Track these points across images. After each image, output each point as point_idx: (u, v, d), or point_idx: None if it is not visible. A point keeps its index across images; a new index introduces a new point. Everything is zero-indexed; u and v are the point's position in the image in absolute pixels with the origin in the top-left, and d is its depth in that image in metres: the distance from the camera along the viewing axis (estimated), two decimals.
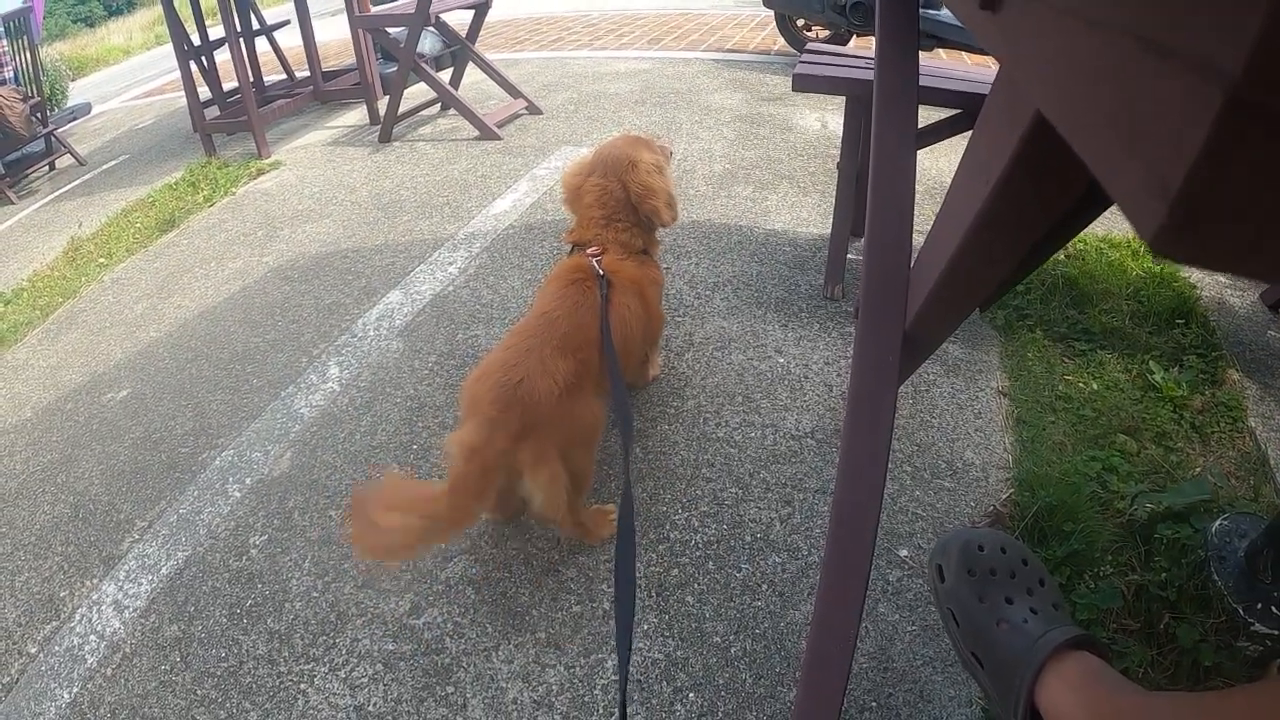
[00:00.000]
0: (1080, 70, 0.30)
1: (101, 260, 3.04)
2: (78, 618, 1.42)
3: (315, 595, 1.36)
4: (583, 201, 1.48)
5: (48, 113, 4.70)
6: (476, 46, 3.83)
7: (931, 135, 1.73)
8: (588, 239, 1.45)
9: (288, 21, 4.54)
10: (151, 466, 1.78)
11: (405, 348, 2.02)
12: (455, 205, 2.86)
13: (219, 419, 1.89)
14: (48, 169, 4.65)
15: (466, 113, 3.51)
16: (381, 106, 3.81)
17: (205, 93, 4.14)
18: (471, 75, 4.10)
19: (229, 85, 4.22)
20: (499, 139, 3.45)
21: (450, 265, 2.41)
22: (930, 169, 2.61)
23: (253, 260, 2.72)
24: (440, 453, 1.62)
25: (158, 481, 1.72)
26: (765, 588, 1.26)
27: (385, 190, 3.12)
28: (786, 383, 1.71)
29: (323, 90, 4.31)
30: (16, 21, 4.38)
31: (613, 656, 1.18)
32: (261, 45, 4.41)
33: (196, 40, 4.02)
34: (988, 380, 1.66)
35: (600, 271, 1.34)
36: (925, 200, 2.40)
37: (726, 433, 1.58)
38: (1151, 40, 0.22)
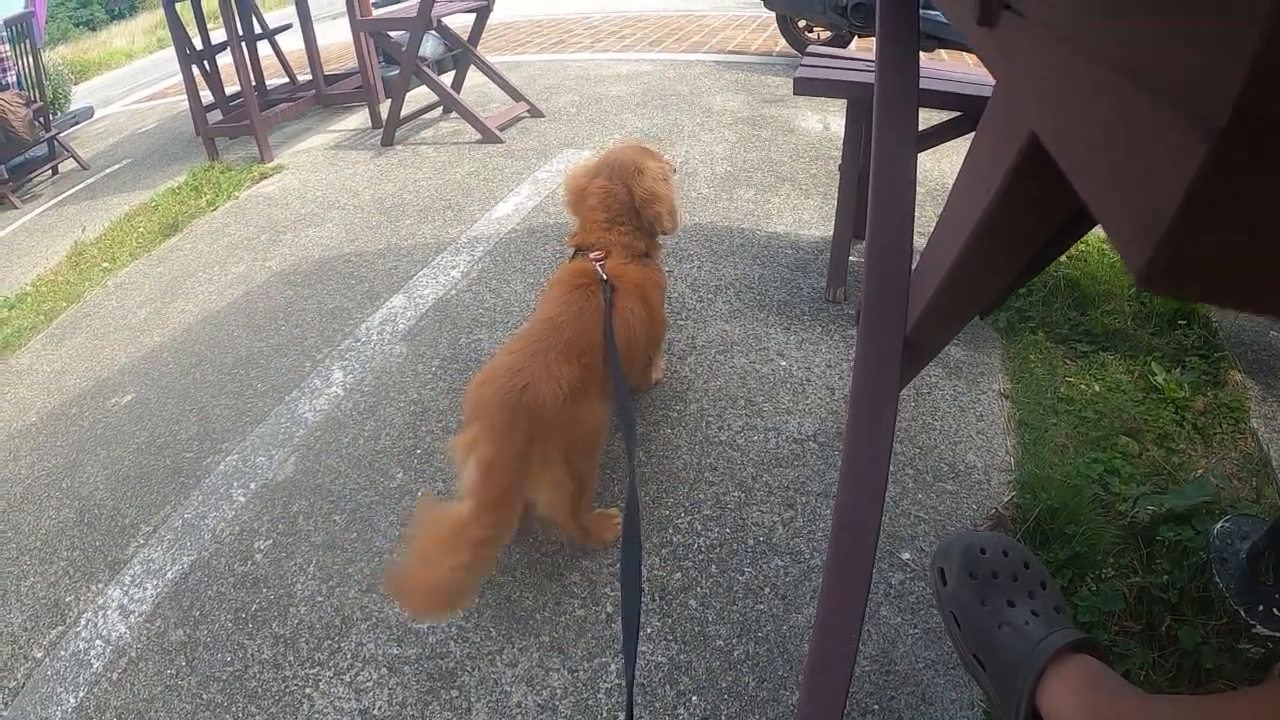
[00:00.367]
0: (1073, 98, 0.30)
1: (105, 265, 3.05)
2: (83, 622, 1.43)
3: (320, 599, 1.37)
4: (586, 204, 1.48)
5: (51, 117, 4.72)
6: (478, 49, 3.84)
7: (933, 137, 1.74)
8: (591, 242, 1.45)
9: (289, 25, 4.54)
10: (156, 471, 1.78)
11: (408, 352, 2.03)
12: (458, 209, 2.87)
13: (223, 423, 1.90)
14: (51, 173, 4.67)
15: (468, 116, 3.52)
16: (384, 110, 3.82)
17: (207, 97, 4.14)
18: (473, 78, 4.11)
19: (231, 89, 4.23)
20: (501, 142, 3.46)
21: (453, 269, 2.42)
22: (932, 170, 2.61)
23: (256, 264, 2.73)
24: (444, 457, 1.63)
25: (162, 486, 1.73)
26: (768, 591, 1.26)
27: (388, 194, 3.13)
28: (789, 386, 1.71)
29: (325, 94, 4.32)
30: (19, 26, 4.40)
31: (616, 660, 1.19)
32: (263, 49, 4.41)
33: (198, 44, 4.03)
34: (990, 382, 1.66)
35: (604, 276, 1.35)
36: (927, 201, 2.40)
37: (729, 436, 1.59)
38: (1142, 77, 0.23)
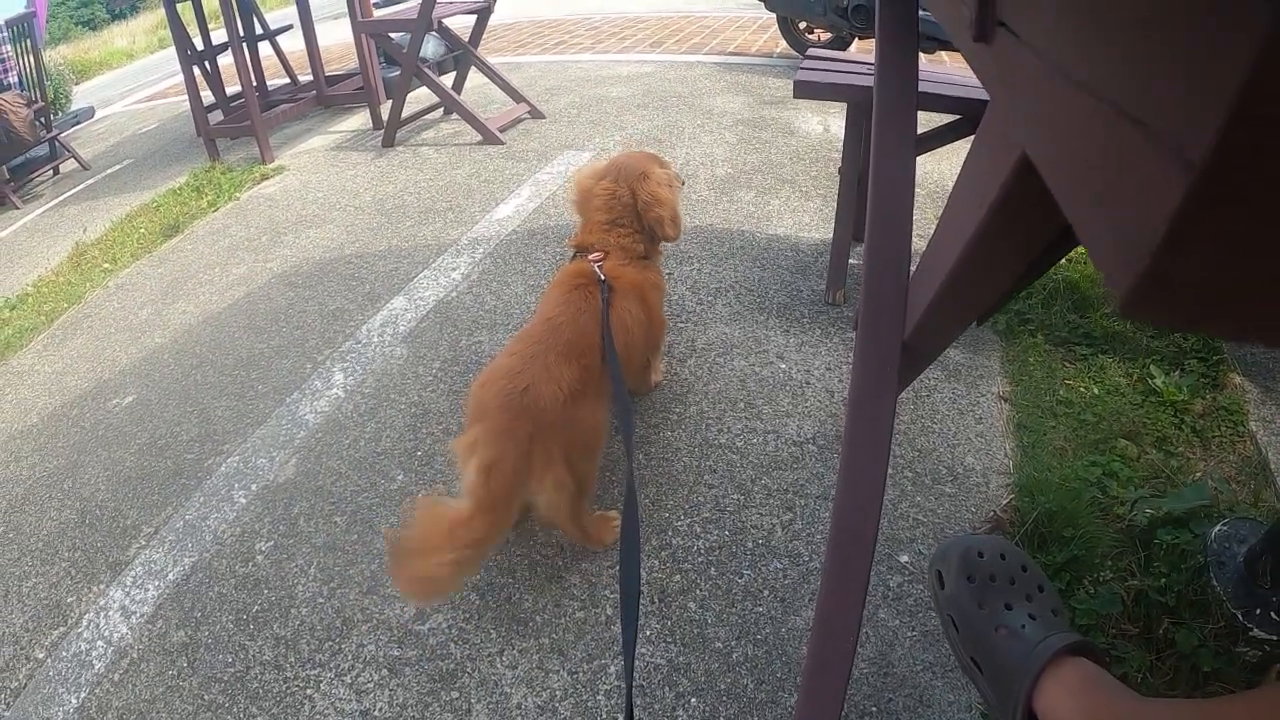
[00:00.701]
0: (1062, 122, 0.30)
1: (106, 265, 3.05)
2: (85, 623, 1.44)
3: (321, 601, 1.37)
4: (590, 205, 1.50)
5: (52, 117, 4.72)
6: (479, 51, 3.84)
7: (933, 140, 1.74)
8: (591, 243, 1.46)
9: (290, 26, 4.55)
10: (157, 472, 1.79)
11: (409, 354, 2.03)
12: (458, 210, 2.87)
13: (224, 425, 1.90)
14: (52, 174, 4.68)
15: (469, 117, 3.52)
16: (384, 111, 3.82)
17: (209, 97, 4.15)
18: (474, 79, 4.11)
19: (232, 89, 4.24)
20: (502, 144, 3.46)
21: (454, 271, 2.42)
22: (932, 172, 2.61)
23: (257, 266, 2.73)
24: (445, 459, 1.63)
25: (164, 487, 1.74)
26: (767, 593, 1.27)
27: (388, 195, 3.13)
28: (788, 389, 1.71)
29: (326, 95, 4.33)
30: (20, 26, 4.40)
31: (615, 662, 1.19)
32: (264, 49, 4.42)
33: (200, 44, 4.03)
34: (989, 385, 1.66)
35: (602, 277, 1.36)
36: (927, 204, 2.41)
37: (728, 439, 1.59)
38: (1128, 109, 0.23)
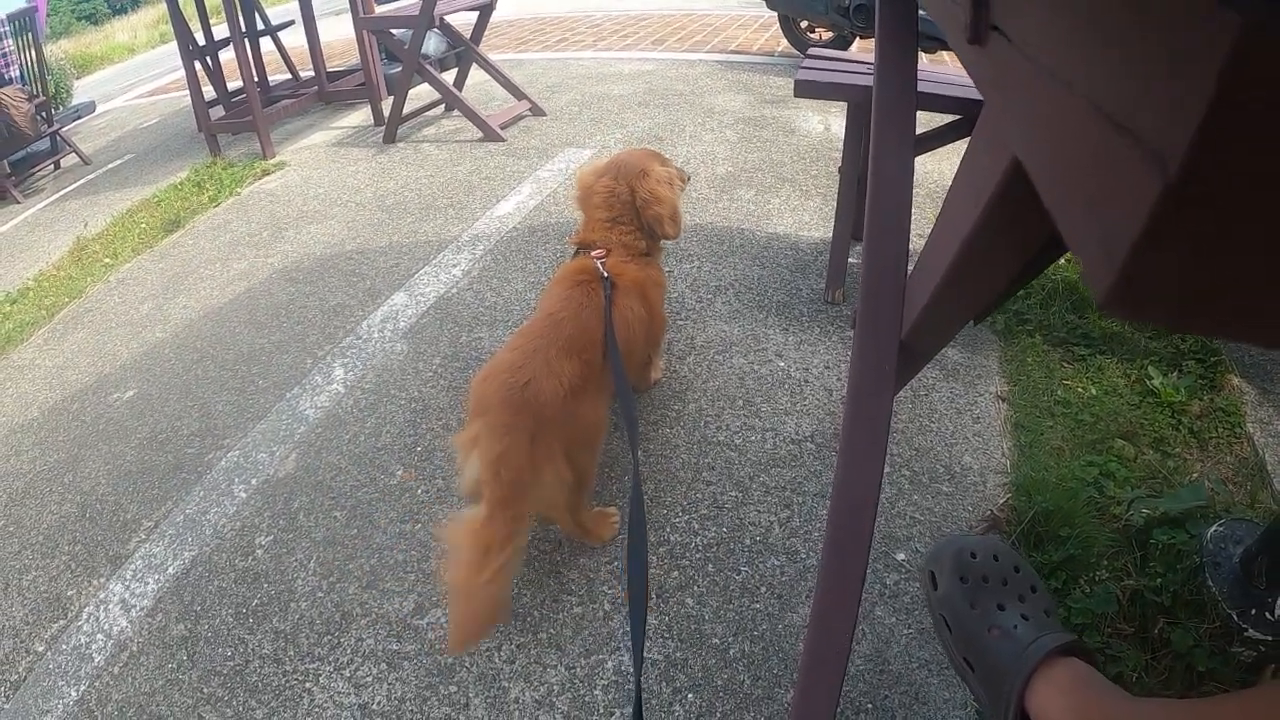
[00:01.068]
0: (1049, 125, 0.31)
1: (107, 260, 3.06)
2: (85, 616, 1.44)
3: (320, 595, 1.38)
4: (591, 202, 1.51)
5: (53, 111, 4.72)
6: (480, 48, 3.84)
7: (932, 140, 1.75)
8: (593, 240, 1.47)
9: (292, 21, 4.55)
10: (158, 467, 1.80)
11: (410, 350, 2.04)
12: (459, 207, 2.88)
13: (225, 420, 1.91)
14: (53, 168, 4.68)
15: (470, 114, 3.52)
16: (386, 107, 3.82)
17: (210, 92, 4.14)
18: (475, 76, 4.11)
19: (234, 85, 4.23)
20: (503, 141, 3.46)
21: (454, 267, 2.42)
22: (932, 172, 2.62)
23: (258, 261, 2.74)
24: (444, 454, 1.64)
25: (164, 482, 1.74)
26: (764, 590, 1.28)
27: (389, 191, 3.14)
28: (787, 387, 1.72)
29: (327, 91, 4.33)
30: (21, 20, 4.40)
31: (613, 657, 1.20)
32: (266, 45, 4.42)
33: (201, 39, 4.03)
34: (987, 385, 1.67)
35: (604, 273, 1.36)
36: (926, 203, 2.41)
37: (727, 436, 1.60)
38: (1112, 114, 0.24)
